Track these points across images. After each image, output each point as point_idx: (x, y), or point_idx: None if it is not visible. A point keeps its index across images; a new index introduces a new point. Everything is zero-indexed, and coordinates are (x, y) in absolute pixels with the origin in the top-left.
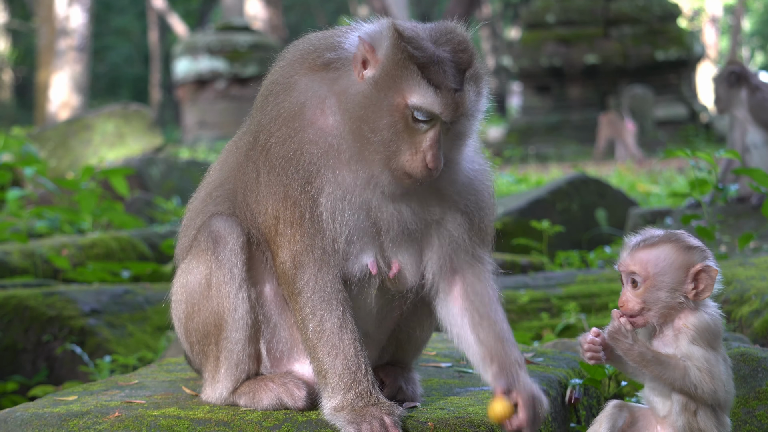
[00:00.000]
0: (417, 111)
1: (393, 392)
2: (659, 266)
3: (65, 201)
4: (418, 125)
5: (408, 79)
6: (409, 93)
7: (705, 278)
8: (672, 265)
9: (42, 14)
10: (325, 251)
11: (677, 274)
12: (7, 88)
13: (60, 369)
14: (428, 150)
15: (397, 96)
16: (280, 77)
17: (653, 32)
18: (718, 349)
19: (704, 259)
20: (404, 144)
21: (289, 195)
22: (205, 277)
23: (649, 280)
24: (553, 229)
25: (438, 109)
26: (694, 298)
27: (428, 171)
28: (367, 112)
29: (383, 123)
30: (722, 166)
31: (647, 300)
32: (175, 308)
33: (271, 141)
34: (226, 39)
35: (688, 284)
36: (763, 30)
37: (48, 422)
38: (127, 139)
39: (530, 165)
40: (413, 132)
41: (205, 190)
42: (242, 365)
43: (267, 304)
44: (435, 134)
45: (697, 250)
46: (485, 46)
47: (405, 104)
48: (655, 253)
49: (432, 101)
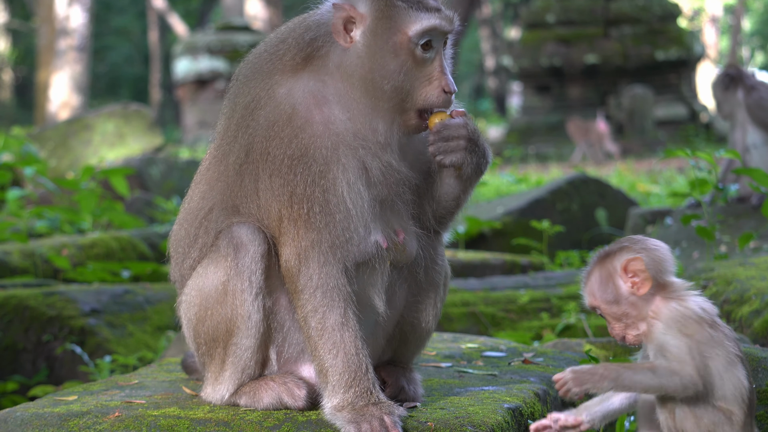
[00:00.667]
0: (422, 37)
1: (395, 392)
2: (597, 291)
3: (65, 201)
4: (425, 54)
5: (401, 16)
6: (408, 26)
7: (633, 272)
8: (602, 282)
9: (42, 14)
10: (333, 244)
11: (609, 286)
12: (7, 88)
13: (60, 369)
14: (442, 75)
15: (397, 35)
16: (261, 91)
17: (653, 32)
18: (695, 336)
19: (622, 257)
20: (416, 80)
21: (296, 193)
22: (222, 283)
23: (601, 305)
24: (553, 229)
25: (439, 22)
26: (640, 294)
27: (447, 96)
28: (373, 66)
29: (392, 68)
30: (723, 166)
31: (617, 320)
32: (187, 310)
33: (272, 145)
34: (226, 39)
35: (625, 286)
36: (763, 30)
37: (48, 422)
38: (127, 139)
39: (530, 165)
40: (422, 65)
41: (195, 216)
42: (248, 371)
43: (282, 311)
44: (440, 57)
45: (614, 253)
46: (485, 46)
47: (408, 38)
48: (590, 281)
49: (431, 21)
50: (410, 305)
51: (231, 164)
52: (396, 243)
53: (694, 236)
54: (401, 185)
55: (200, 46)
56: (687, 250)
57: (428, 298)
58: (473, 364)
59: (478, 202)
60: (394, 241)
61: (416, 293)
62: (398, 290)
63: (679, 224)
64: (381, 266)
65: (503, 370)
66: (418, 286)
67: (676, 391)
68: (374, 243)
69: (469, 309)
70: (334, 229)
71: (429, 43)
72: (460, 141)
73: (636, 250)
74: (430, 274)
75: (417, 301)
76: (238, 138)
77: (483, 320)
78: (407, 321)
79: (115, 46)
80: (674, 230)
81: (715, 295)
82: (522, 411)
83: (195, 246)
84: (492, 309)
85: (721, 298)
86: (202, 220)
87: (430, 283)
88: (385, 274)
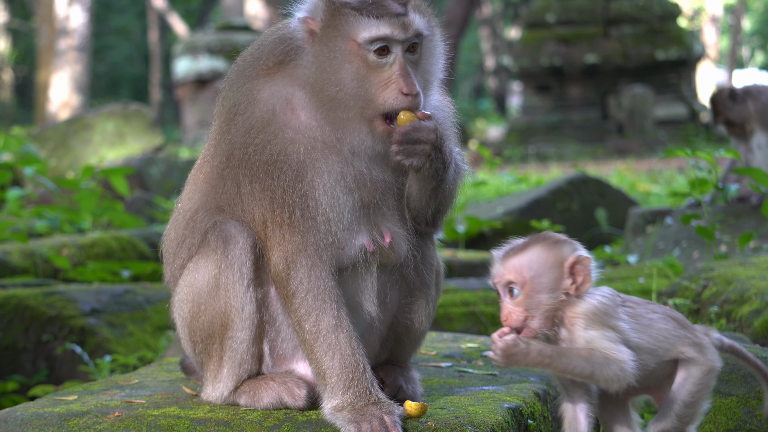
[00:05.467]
0: (371, 44)
1: (393, 391)
2: (534, 268)
3: (65, 201)
4: (380, 60)
5: (350, 23)
6: (356, 32)
7: (581, 269)
8: (545, 263)
9: (42, 14)
10: (318, 247)
11: (553, 272)
12: (7, 88)
13: (60, 369)
14: (399, 77)
15: (346, 42)
16: (242, 95)
17: (653, 32)
18: (616, 327)
19: (574, 250)
20: (373, 86)
21: (275, 198)
22: (213, 277)
23: (527, 284)
24: (554, 229)
25: (387, 30)
26: (575, 293)
27: (406, 98)
28: (321, 75)
29: (342, 76)
30: (724, 166)
31: (529, 307)
32: (180, 307)
33: (249, 151)
34: (226, 39)
35: (566, 279)
36: (763, 30)
37: (48, 422)
38: (127, 138)
39: (530, 164)
40: (378, 70)
41: (183, 217)
42: (245, 365)
43: (273, 304)
44: (400, 62)
45: (566, 243)
46: (485, 45)
47: (357, 45)
48: (527, 256)
49: (378, 27)
50: (403, 306)
51: (215, 167)
52: (382, 246)
53: (694, 236)
54: (382, 191)
55: (200, 46)
56: (687, 250)
57: (421, 298)
58: (473, 364)
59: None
60: (381, 244)
61: (408, 294)
62: (390, 292)
63: (679, 224)
64: (368, 270)
65: (503, 369)
66: (410, 287)
67: (608, 380)
68: (360, 247)
69: (469, 309)
70: (318, 233)
71: (385, 48)
72: (426, 146)
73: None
74: (421, 275)
75: (410, 302)
76: (221, 143)
77: (483, 320)
78: (401, 322)
79: (115, 46)
80: (674, 230)
81: (715, 295)
82: (522, 411)
83: (183, 246)
84: (492, 309)
85: (721, 298)
86: (189, 221)
87: (422, 283)
88: (374, 278)
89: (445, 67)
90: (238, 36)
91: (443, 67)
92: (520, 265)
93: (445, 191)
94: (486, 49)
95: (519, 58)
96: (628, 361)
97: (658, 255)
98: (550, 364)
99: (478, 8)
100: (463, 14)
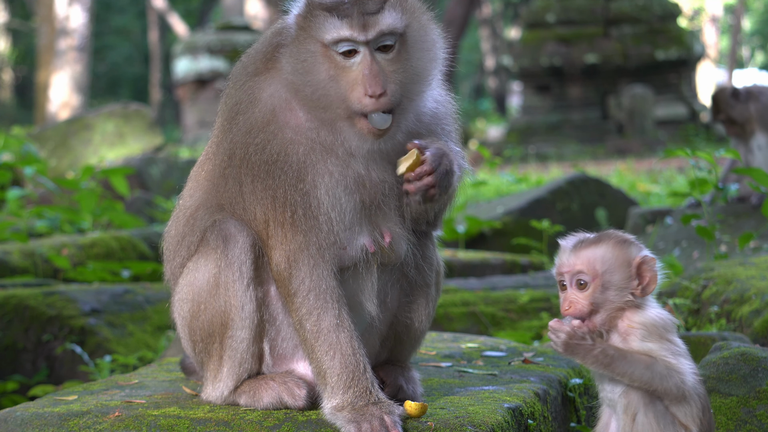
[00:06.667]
0: (335, 45)
1: (393, 391)
2: (606, 264)
3: (65, 200)
4: (347, 61)
5: (319, 24)
6: (322, 34)
7: (647, 270)
8: (616, 261)
9: (42, 14)
10: (320, 246)
11: (623, 270)
12: (7, 88)
13: (60, 369)
14: (364, 78)
15: (315, 43)
16: (243, 94)
17: (653, 32)
18: (673, 344)
19: (641, 251)
20: (345, 86)
21: (277, 197)
22: (213, 276)
23: (598, 278)
24: (553, 229)
25: (348, 32)
26: (641, 294)
27: (371, 99)
28: (296, 77)
29: (316, 76)
30: (724, 166)
31: (596, 301)
32: (180, 307)
33: (249, 151)
34: (226, 39)
35: (633, 280)
36: (763, 30)
37: (48, 422)
38: (127, 138)
39: (530, 164)
40: (347, 71)
41: (183, 214)
42: (245, 364)
43: (273, 303)
44: (367, 62)
45: (633, 243)
46: (485, 45)
47: (324, 46)
48: (600, 251)
49: (340, 29)
50: (403, 306)
51: (217, 165)
52: (383, 246)
53: (694, 236)
54: (382, 191)
55: (200, 46)
56: (687, 250)
57: (421, 297)
58: (473, 364)
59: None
60: (381, 244)
61: (408, 293)
62: (390, 291)
63: (679, 224)
64: (369, 269)
65: (503, 369)
66: (410, 286)
67: (667, 391)
68: (361, 247)
69: (469, 309)
70: (320, 232)
71: (352, 50)
72: (442, 191)
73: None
74: (421, 274)
75: (410, 301)
76: (223, 141)
77: (483, 320)
78: (401, 322)
79: (115, 46)
80: (674, 230)
81: (715, 295)
82: (522, 411)
83: (183, 244)
84: (492, 309)
85: (721, 298)
86: (189, 218)
87: (422, 282)
88: (375, 277)
89: (446, 60)
90: (238, 36)
91: (441, 61)
92: (594, 258)
93: (447, 194)
94: (486, 49)
95: (519, 58)
96: (689, 374)
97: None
98: (610, 365)
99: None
100: (463, 14)
